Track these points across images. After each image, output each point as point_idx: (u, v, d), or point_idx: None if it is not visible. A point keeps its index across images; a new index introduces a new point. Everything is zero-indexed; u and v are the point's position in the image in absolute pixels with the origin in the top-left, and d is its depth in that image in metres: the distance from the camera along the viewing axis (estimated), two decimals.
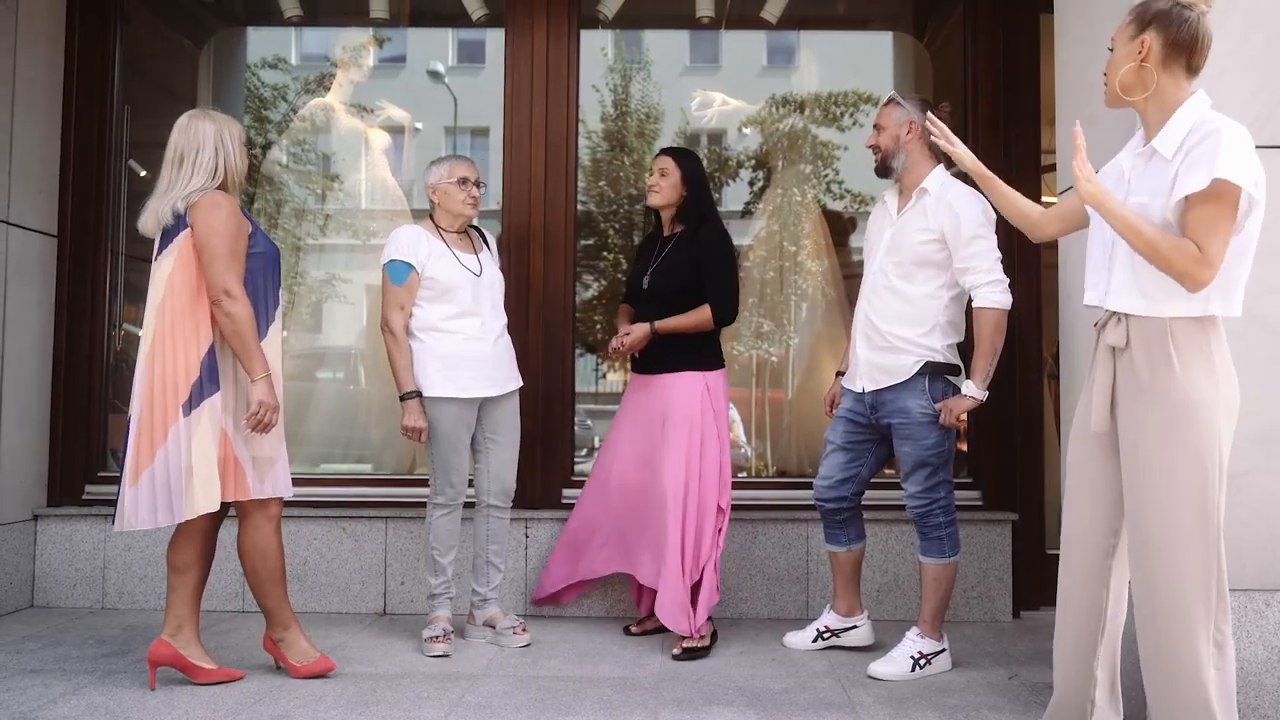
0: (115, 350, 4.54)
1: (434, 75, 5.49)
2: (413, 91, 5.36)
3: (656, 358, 3.66)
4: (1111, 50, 2.39)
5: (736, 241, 4.24)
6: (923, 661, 3.29)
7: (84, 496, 4.28)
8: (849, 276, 4.86)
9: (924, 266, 3.29)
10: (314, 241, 5.17)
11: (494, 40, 4.64)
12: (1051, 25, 3.46)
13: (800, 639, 3.63)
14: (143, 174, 4.75)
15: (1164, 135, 2.26)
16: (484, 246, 3.75)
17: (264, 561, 3.14)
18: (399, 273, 3.51)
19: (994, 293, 3.20)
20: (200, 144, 3.08)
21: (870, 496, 4.04)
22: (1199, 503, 2.19)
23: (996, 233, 3.25)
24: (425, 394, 3.50)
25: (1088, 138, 3.11)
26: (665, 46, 5.43)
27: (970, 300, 3.29)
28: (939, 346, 3.30)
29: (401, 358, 3.50)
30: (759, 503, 4.17)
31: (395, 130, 5.18)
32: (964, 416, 3.26)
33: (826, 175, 5.12)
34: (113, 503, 4.16)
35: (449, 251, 3.58)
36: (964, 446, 4.41)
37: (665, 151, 3.76)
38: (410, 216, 5.14)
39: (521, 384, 3.74)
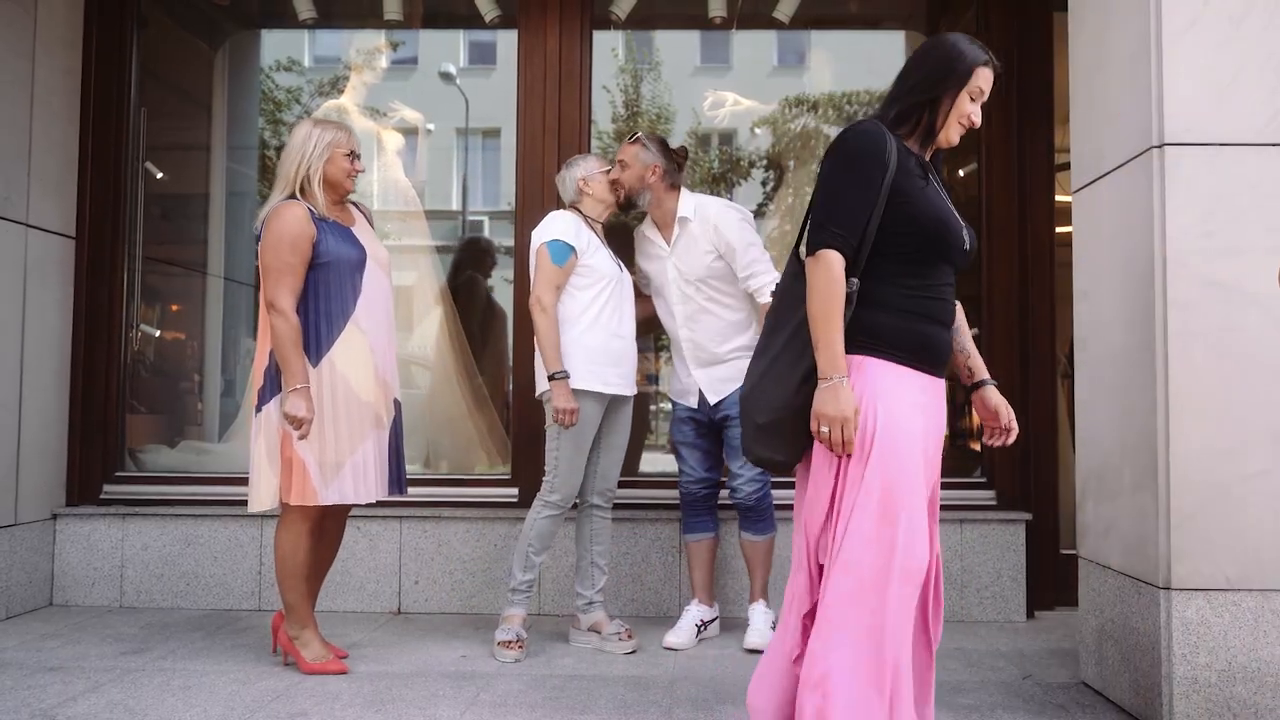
0: (133, 351, 4.57)
1: (446, 77, 5.51)
2: (425, 93, 5.38)
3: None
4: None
5: None
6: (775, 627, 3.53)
7: (102, 496, 4.32)
8: None
9: (722, 280, 3.61)
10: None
11: (505, 41, 4.65)
12: (1064, 23, 3.46)
13: (683, 638, 3.66)
14: (159, 176, 4.79)
15: None
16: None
17: (293, 558, 3.20)
18: (561, 253, 3.43)
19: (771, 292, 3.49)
20: (287, 154, 3.26)
21: None
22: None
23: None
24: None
25: (1103, 135, 3.12)
26: (676, 47, 5.43)
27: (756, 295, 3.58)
28: None
29: (553, 335, 3.40)
30: None
31: (408, 131, 5.20)
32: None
33: None
34: (130, 502, 4.25)
35: (602, 244, 3.56)
36: (977, 447, 4.40)
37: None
38: (423, 217, 5.16)
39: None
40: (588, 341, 3.45)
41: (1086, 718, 2.87)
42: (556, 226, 3.48)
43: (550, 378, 3.40)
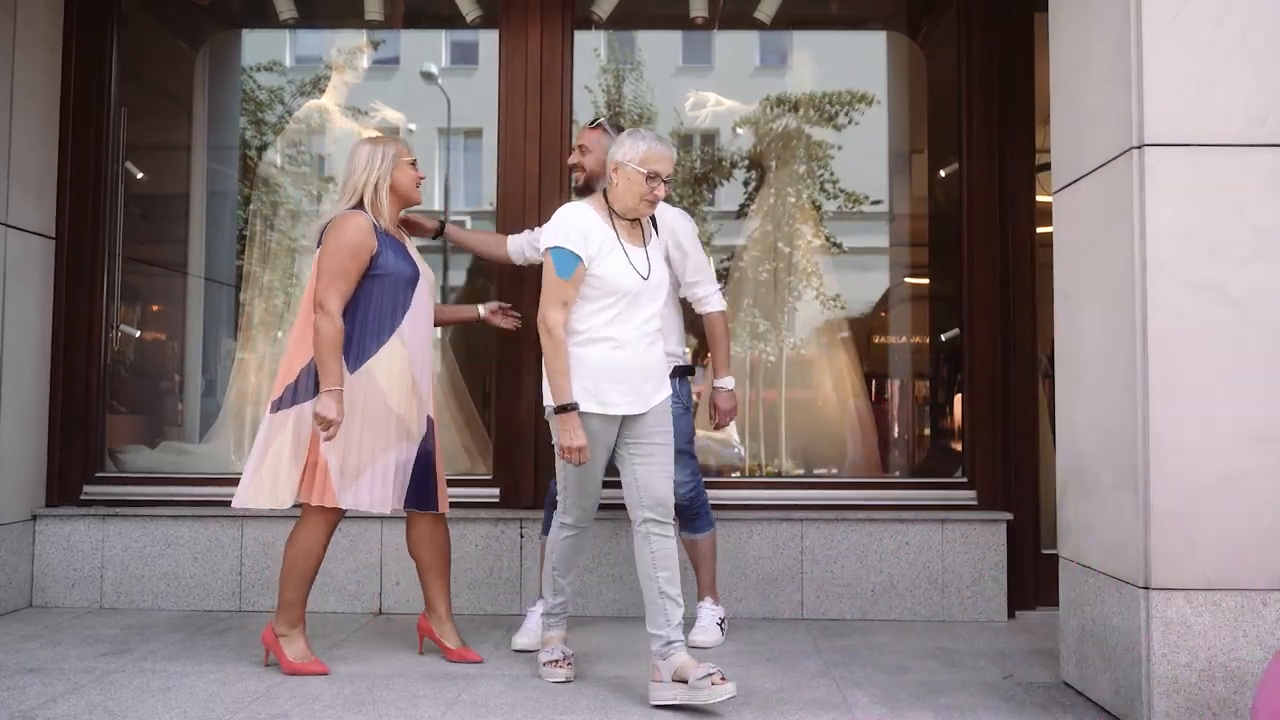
0: (113, 351, 4.55)
1: (427, 76, 5.50)
2: (406, 93, 5.37)
3: None
4: None
5: (730, 241, 4.22)
6: (723, 625, 3.70)
7: (82, 497, 4.29)
8: None
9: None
10: (309, 243, 5.18)
11: (486, 41, 4.64)
12: (1045, 23, 3.47)
13: (529, 639, 3.53)
14: (139, 176, 4.76)
15: None
16: (654, 234, 3.23)
17: (305, 559, 3.25)
18: (566, 263, 2.95)
19: (718, 298, 3.71)
20: (351, 170, 3.33)
21: (865, 497, 4.13)
22: None
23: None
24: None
25: (1084, 135, 3.13)
26: (658, 47, 5.43)
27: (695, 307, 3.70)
28: (679, 351, 3.70)
29: (561, 362, 2.96)
30: (753, 503, 4.17)
31: (389, 132, 5.19)
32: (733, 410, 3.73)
33: (821, 175, 5.12)
34: (110, 503, 4.22)
35: (619, 247, 3.03)
36: (958, 446, 4.42)
37: None
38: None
39: (669, 392, 3.22)
40: (588, 357, 3.02)
41: (1067, 717, 2.88)
42: (561, 228, 3.00)
43: (557, 410, 2.98)
